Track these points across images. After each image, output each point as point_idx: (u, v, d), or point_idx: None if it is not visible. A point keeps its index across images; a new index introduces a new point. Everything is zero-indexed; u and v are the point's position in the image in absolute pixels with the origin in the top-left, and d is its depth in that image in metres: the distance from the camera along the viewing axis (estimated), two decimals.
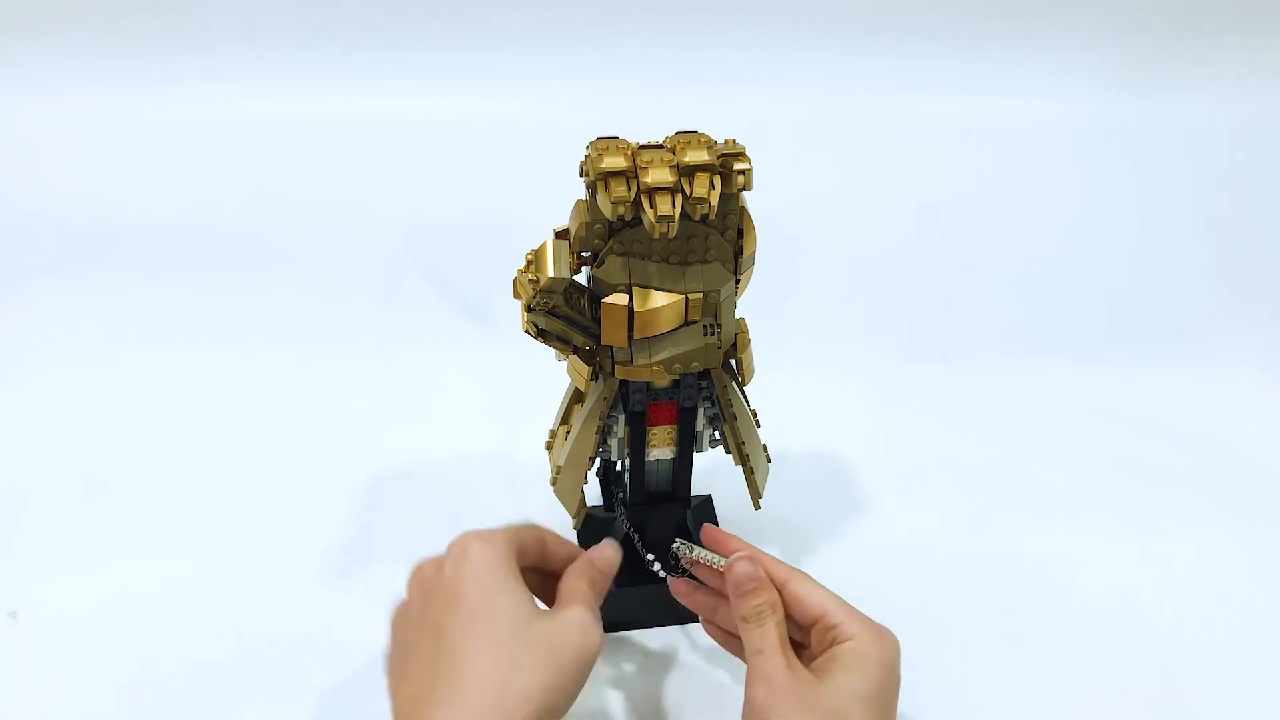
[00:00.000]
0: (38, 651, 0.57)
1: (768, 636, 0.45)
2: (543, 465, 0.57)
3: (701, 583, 0.52)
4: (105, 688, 0.55)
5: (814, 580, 0.48)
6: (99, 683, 0.55)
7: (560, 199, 0.50)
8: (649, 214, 0.43)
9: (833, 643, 0.45)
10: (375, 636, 0.57)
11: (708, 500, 0.63)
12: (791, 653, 0.45)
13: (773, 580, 0.47)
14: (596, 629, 0.43)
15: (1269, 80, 1.06)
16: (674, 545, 0.51)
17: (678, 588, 0.52)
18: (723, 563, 0.49)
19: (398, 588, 0.47)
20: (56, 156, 1.01)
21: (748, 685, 0.44)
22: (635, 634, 0.58)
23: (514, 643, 0.41)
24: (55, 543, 0.64)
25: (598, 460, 0.54)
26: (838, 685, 0.43)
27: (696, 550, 0.51)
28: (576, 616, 0.43)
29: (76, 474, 0.70)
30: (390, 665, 0.45)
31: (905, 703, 0.54)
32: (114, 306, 0.87)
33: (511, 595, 0.42)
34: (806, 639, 0.47)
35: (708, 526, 0.51)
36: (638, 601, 0.56)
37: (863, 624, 0.45)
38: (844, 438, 0.74)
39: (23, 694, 0.55)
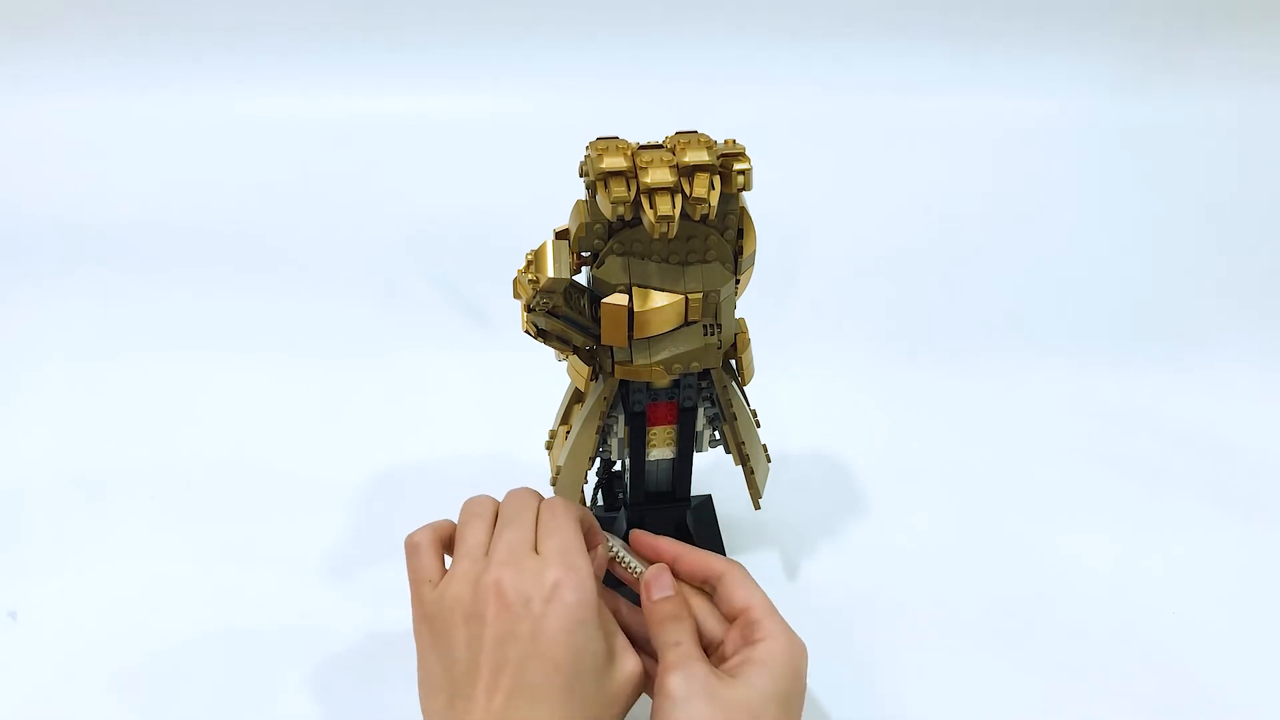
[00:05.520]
0: (38, 651, 0.57)
1: (684, 631, 0.46)
2: (543, 465, 0.57)
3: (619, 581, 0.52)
4: (105, 688, 0.55)
5: (748, 575, 0.48)
6: (99, 683, 0.55)
7: (560, 199, 0.50)
8: (649, 214, 0.43)
9: (748, 640, 0.45)
10: (376, 636, 0.57)
11: (707, 500, 0.63)
12: (703, 653, 0.45)
13: (707, 574, 0.48)
14: (643, 674, 0.45)
15: (1269, 80, 1.06)
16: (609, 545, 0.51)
17: None
18: (640, 571, 0.49)
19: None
20: (56, 156, 1.01)
21: (662, 673, 0.44)
22: None
23: (591, 700, 0.42)
24: (55, 543, 0.64)
25: (597, 460, 0.54)
26: (752, 684, 0.43)
27: (620, 551, 0.50)
28: (635, 671, 0.44)
29: (77, 474, 0.70)
30: (432, 669, 0.44)
31: (905, 701, 0.55)
32: (114, 306, 0.87)
33: (595, 650, 0.43)
34: (724, 637, 0.47)
35: (635, 532, 0.51)
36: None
37: (780, 626, 0.46)
38: (844, 438, 0.74)
39: (23, 694, 0.55)
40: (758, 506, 0.56)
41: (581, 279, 0.48)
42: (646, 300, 0.46)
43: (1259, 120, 1.05)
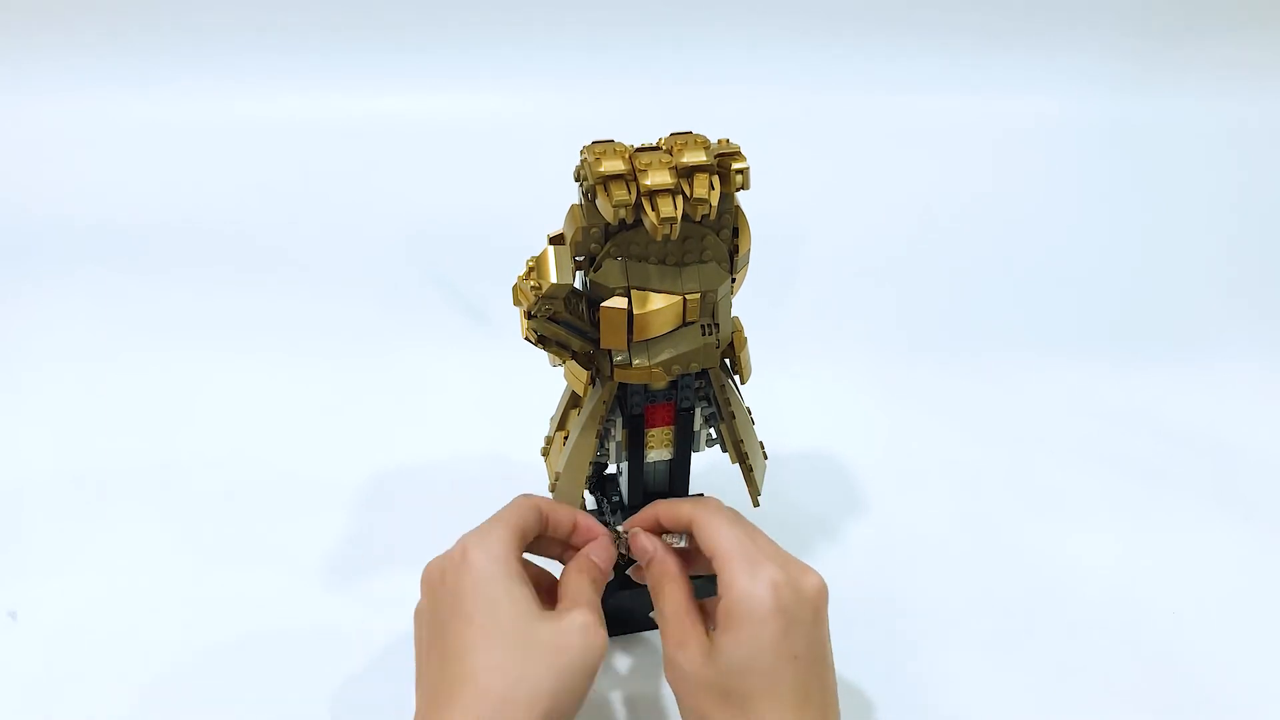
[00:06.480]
0: (38, 651, 0.57)
1: (661, 614, 0.45)
2: (542, 465, 0.57)
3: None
4: (105, 688, 0.55)
5: (716, 514, 0.46)
6: (99, 683, 0.55)
7: (560, 199, 0.50)
8: (651, 216, 0.43)
9: (718, 595, 0.44)
10: (376, 636, 0.57)
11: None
12: (691, 624, 0.44)
13: (678, 525, 0.47)
14: (601, 631, 0.43)
15: (1269, 80, 1.06)
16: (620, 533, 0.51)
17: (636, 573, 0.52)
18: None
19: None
20: (56, 156, 1.01)
21: (664, 661, 0.44)
22: (635, 635, 0.58)
23: (518, 647, 0.41)
24: (55, 543, 0.64)
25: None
26: (718, 659, 0.42)
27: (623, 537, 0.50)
28: (581, 620, 0.42)
29: (77, 474, 0.70)
30: (416, 665, 0.46)
31: (905, 700, 0.55)
32: (114, 306, 0.87)
33: (513, 600, 0.42)
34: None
35: (637, 517, 0.50)
36: (638, 604, 0.56)
37: (735, 572, 0.43)
38: (844, 438, 0.74)
39: (23, 694, 0.55)
40: (756, 504, 0.56)
41: (576, 283, 0.48)
42: (645, 302, 0.46)
43: (1259, 120, 1.05)
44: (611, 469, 0.58)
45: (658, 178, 0.43)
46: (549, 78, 1.04)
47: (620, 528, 0.50)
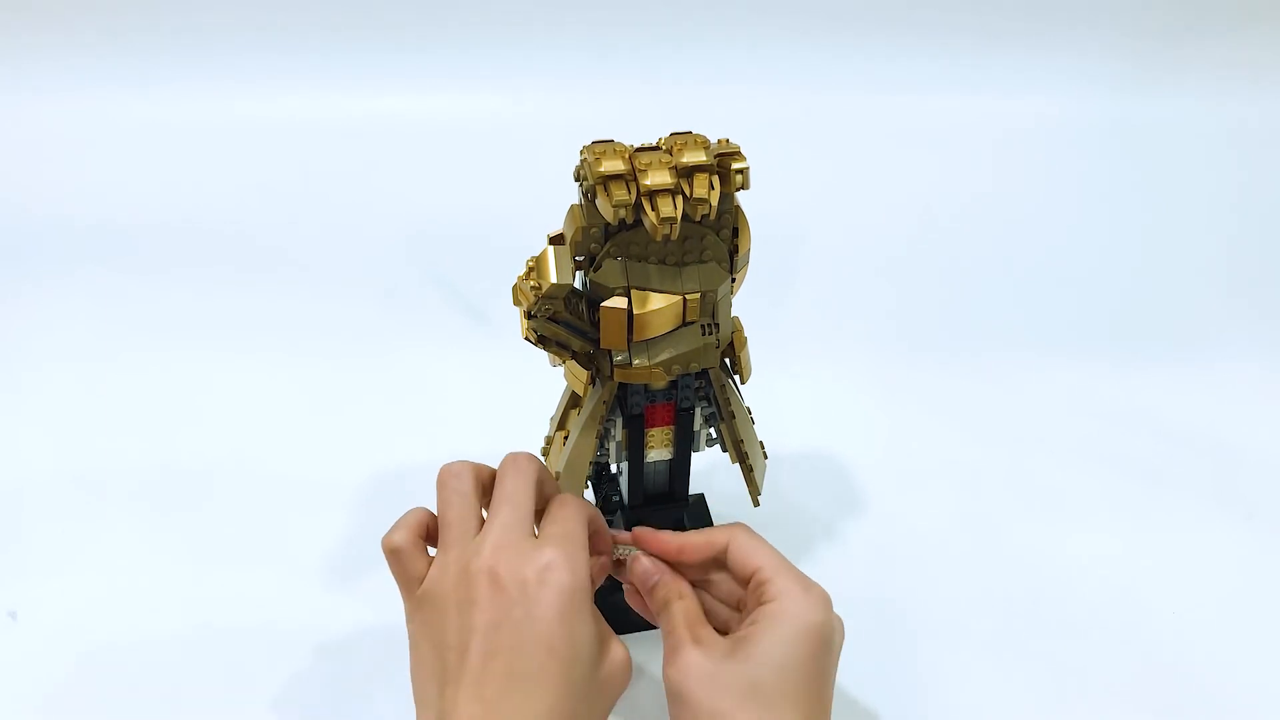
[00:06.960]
0: (38, 651, 0.57)
1: (672, 619, 0.45)
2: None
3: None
4: (105, 688, 0.55)
5: (755, 535, 0.47)
6: (99, 683, 0.55)
7: (559, 199, 0.50)
8: (651, 216, 0.43)
9: (759, 602, 0.44)
10: (376, 636, 0.57)
11: (700, 499, 0.63)
12: (705, 628, 0.45)
13: (713, 551, 0.47)
14: (630, 664, 0.44)
15: (1269, 80, 1.06)
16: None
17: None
18: (628, 552, 0.49)
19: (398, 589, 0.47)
20: (56, 156, 1.01)
21: (663, 668, 0.44)
22: (634, 635, 0.58)
23: (587, 684, 0.41)
24: (55, 543, 0.64)
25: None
26: (754, 654, 0.42)
27: (622, 552, 0.50)
28: (625, 660, 0.44)
29: (76, 474, 0.70)
30: (425, 657, 0.43)
31: (905, 701, 0.55)
32: (114, 306, 0.87)
33: (590, 637, 0.42)
34: (744, 601, 0.46)
35: (638, 529, 0.50)
36: None
37: (790, 583, 0.44)
38: (844, 438, 0.74)
39: (23, 694, 0.55)
40: (757, 504, 0.56)
41: (576, 283, 0.48)
42: (645, 302, 0.46)
43: (1259, 120, 1.05)
44: (614, 468, 0.58)
45: (658, 178, 0.43)
46: (549, 78, 1.04)
47: (622, 551, 0.50)
